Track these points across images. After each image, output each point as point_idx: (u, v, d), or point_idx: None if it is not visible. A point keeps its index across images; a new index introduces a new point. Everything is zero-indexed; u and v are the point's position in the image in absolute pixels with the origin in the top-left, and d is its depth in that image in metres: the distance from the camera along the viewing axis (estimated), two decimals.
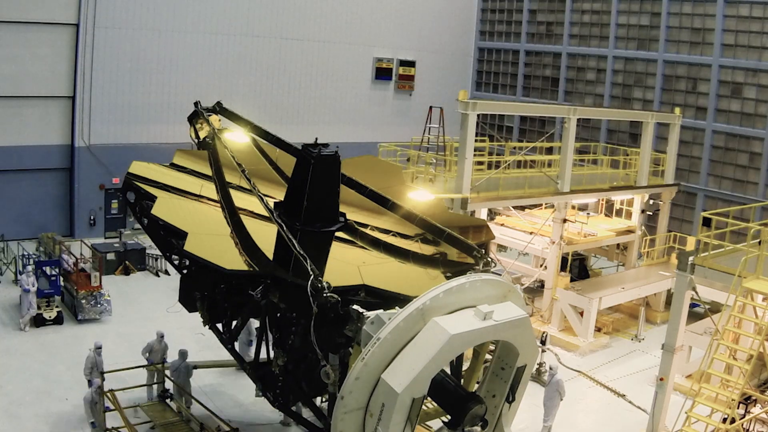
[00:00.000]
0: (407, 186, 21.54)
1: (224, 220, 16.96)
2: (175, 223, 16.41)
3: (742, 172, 38.52)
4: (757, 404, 20.72)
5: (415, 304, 12.34)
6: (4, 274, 32.10)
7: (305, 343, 14.58)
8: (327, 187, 15.79)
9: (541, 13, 48.77)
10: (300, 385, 15.93)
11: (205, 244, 15.79)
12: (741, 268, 18.72)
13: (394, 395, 11.99)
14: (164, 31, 38.46)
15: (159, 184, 18.62)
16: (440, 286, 12.82)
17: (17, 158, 36.43)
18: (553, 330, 28.90)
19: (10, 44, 35.19)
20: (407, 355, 12.29)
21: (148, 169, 19.36)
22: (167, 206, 17.24)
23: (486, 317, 12.71)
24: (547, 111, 40.44)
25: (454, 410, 13.90)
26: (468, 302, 13.10)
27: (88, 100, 37.69)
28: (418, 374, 12.08)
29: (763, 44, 37.34)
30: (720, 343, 18.71)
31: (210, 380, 24.11)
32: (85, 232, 38.12)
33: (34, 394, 22.20)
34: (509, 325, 13.15)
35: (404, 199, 19.10)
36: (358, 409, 12.67)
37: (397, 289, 15.19)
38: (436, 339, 12.24)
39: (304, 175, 15.40)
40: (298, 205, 15.63)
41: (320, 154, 15.18)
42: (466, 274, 13.76)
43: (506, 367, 14.22)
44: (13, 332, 26.58)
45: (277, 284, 14.76)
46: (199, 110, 19.17)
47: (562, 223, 29.56)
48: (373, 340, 12.07)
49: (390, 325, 12.12)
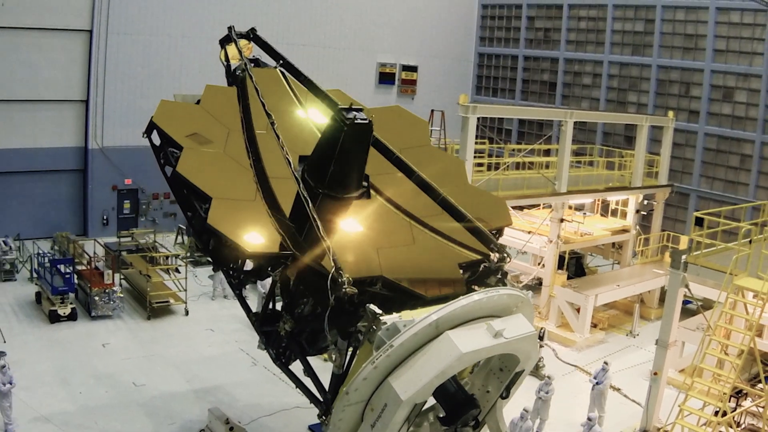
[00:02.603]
0: (430, 146, 19.57)
1: (251, 172, 15.68)
2: (200, 182, 14.72)
3: (734, 173, 38.48)
4: (747, 398, 20.72)
5: (430, 318, 12.16)
6: (20, 271, 32.14)
7: (314, 313, 14.44)
8: (356, 154, 14.43)
9: (539, 19, 48.75)
10: (303, 347, 15.55)
11: (228, 213, 14.29)
12: (732, 267, 18.71)
13: (398, 401, 11.96)
14: (174, 37, 38.47)
15: (186, 128, 16.58)
16: (456, 303, 12.60)
17: (33, 160, 36.47)
18: (550, 326, 28.92)
19: (26, 50, 35.26)
20: (416, 364, 12.18)
21: (176, 110, 17.49)
22: (192, 161, 15.32)
23: (497, 335, 12.63)
24: (545, 114, 40.45)
25: (452, 411, 13.93)
26: (481, 313, 13.04)
27: (101, 104, 37.74)
28: (424, 385, 12.07)
29: (754, 50, 37.30)
30: (712, 338, 18.71)
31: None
32: (99, 231, 38.14)
33: (48, 388, 22.24)
34: (518, 340, 13.12)
35: (427, 161, 17.52)
36: (360, 402, 12.68)
37: (414, 277, 14.75)
38: (447, 354, 12.15)
39: (334, 139, 13.99)
40: (324, 167, 14.30)
41: (354, 122, 13.64)
42: (484, 290, 13.60)
43: (505, 369, 14.21)
44: (29, 328, 26.60)
45: (300, 275, 14.01)
46: (232, 35, 17.78)
47: (559, 223, 29.57)
48: (386, 346, 11.99)
49: (404, 335, 12.02)
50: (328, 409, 13.90)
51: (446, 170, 18.12)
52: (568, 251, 32.39)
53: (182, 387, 23.06)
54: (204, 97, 17.81)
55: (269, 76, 18.14)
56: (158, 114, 16.56)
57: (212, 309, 30.09)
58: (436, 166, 17.81)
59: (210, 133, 16.56)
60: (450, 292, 14.50)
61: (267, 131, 15.89)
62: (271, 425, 20.87)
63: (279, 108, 17.01)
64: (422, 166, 16.53)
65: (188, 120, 16.84)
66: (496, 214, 17.46)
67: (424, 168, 16.37)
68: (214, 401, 21.57)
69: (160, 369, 24.19)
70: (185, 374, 23.94)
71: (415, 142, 18.49)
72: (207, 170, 15.24)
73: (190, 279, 30.95)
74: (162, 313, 28.73)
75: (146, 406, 21.61)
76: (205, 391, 22.86)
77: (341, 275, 12.54)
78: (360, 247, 15.25)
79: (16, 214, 36.37)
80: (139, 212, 39.89)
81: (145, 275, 29.28)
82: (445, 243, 16.16)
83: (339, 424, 12.98)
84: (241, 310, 29.36)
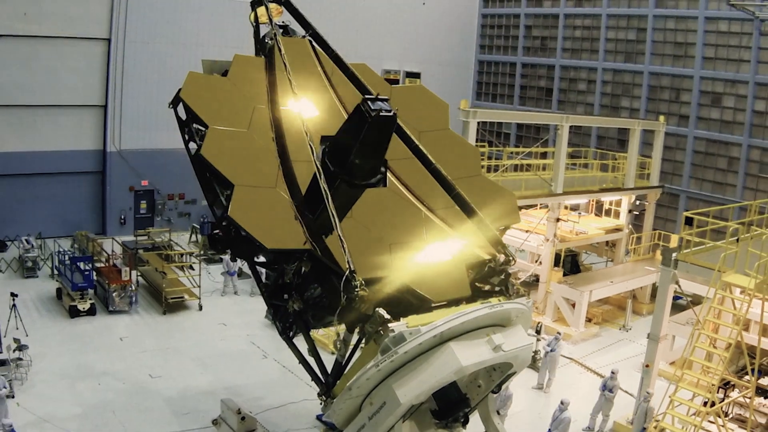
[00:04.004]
0: (449, 130, 18.66)
1: (274, 152, 15.22)
2: (223, 167, 14.06)
3: (722, 175, 38.41)
4: (735, 389, 20.69)
5: (435, 331, 12.18)
6: (42, 268, 32.22)
7: (322, 296, 14.31)
8: (378, 145, 14.22)
9: (536, 28, 48.69)
10: (308, 323, 15.41)
11: (249, 204, 13.78)
12: (720, 264, 18.67)
13: (397, 403, 12.09)
14: (188, 45, 38.44)
15: (212, 104, 15.77)
16: (461, 316, 12.59)
17: (54, 162, 36.58)
18: (547, 320, 28.89)
19: (48, 57, 35.40)
20: (418, 370, 12.24)
21: (203, 84, 16.41)
22: (217, 143, 14.63)
23: (496, 349, 12.70)
24: (542, 119, 40.35)
25: (445, 407, 13.96)
26: (484, 323, 13.06)
27: (118, 109, 37.80)
28: (423, 390, 12.23)
29: (741, 57, 37.22)
30: (701, 332, 18.67)
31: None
32: (116, 230, 38.21)
33: (69, 380, 22.30)
34: (515, 352, 13.20)
35: (444, 146, 17.13)
36: (360, 396, 12.75)
37: (422, 278, 14.59)
38: (448, 366, 12.23)
39: (357, 128, 13.65)
40: (345, 153, 14.01)
41: (378, 115, 13.26)
42: (488, 301, 13.57)
43: (498, 369, 14.20)
44: (50, 322, 26.68)
45: (314, 261, 13.75)
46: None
47: (555, 222, 29.55)
48: (391, 353, 12.04)
49: (408, 344, 12.05)
50: (329, 390, 14.03)
51: (462, 158, 17.69)
52: (564, 249, 32.35)
53: (196, 378, 23.11)
54: (232, 68, 16.86)
55: (298, 46, 17.43)
56: (186, 88, 15.71)
57: (225, 304, 30.13)
58: (453, 153, 17.38)
59: (236, 109, 15.91)
60: (455, 297, 14.48)
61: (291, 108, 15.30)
62: (281, 415, 20.88)
63: (306, 84, 16.37)
64: (440, 150, 16.05)
65: (215, 95, 16.07)
66: (505, 210, 17.13)
67: (441, 153, 15.89)
68: (227, 392, 21.58)
69: (175, 361, 24.24)
70: (199, 366, 23.99)
71: (435, 125, 17.99)
72: (230, 153, 14.69)
73: (204, 276, 30.97)
74: (177, 308, 28.77)
75: (162, 397, 21.67)
76: (218, 382, 22.89)
77: (355, 278, 12.37)
78: (373, 241, 15.05)
79: (37, 214, 36.49)
80: (155, 212, 39.94)
81: (160, 272, 29.33)
82: (455, 239, 15.85)
83: (339, 411, 13.16)
84: (251, 306, 29.71)
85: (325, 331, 25.40)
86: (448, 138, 18.24)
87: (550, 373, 24.09)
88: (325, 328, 25.33)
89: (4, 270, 31.82)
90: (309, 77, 17.09)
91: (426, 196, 16.24)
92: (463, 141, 18.73)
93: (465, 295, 14.69)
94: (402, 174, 16.37)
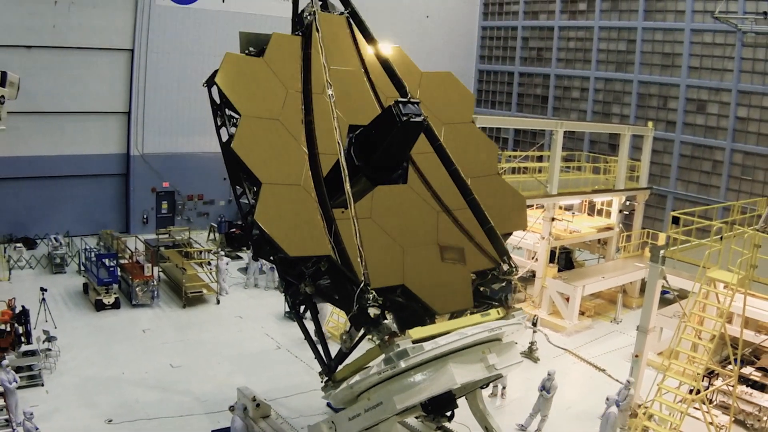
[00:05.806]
0: (471, 125, 17.81)
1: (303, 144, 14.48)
2: (251, 162, 13.40)
3: (707, 177, 38.37)
4: (719, 377, 20.67)
5: (437, 351, 12.40)
6: (69, 265, 32.33)
7: (334, 287, 14.27)
8: (404, 147, 14.00)
9: (533, 40, 48.64)
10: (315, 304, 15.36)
11: (274, 207, 13.17)
12: (705, 261, 18.65)
13: (393, 407, 12.37)
14: (207, 55, 38.31)
15: (247, 90, 14.86)
16: (462, 338, 12.80)
17: (81, 165, 36.75)
18: (542, 313, 28.84)
19: (75, 67, 35.54)
20: (415, 380, 12.46)
21: (239, 68, 15.29)
22: (248, 137, 13.79)
23: (490, 368, 13.01)
24: (538, 124, 40.33)
25: (435, 405, 14.09)
26: (482, 340, 13.29)
27: (141, 115, 37.92)
28: (418, 399, 12.60)
29: (725, 67, 37.15)
30: (687, 324, 18.65)
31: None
32: (139, 228, 38.34)
33: (96, 369, 22.40)
34: (506, 369, 13.60)
35: (464, 141, 16.53)
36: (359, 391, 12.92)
37: (431, 287, 14.70)
38: (444, 381, 12.50)
39: (386, 129, 13.32)
40: (371, 149, 13.76)
41: (408, 121, 12.85)
42: (487, 313, 13.89)
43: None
44: (77, 315, 26.77)
45: (331, 263, 13.31)
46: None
47: (550, 222, 29.52)
48: (394, 365, 12.24)
49: (411, 360, 12.24)
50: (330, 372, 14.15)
51: (481, 155, 17.10)
52: (559, 247, 32.33)
53: (213, 368, 23.17)
54: (270, 47, 15.64)
55: (335, 24, 16.47)
56: (222, 73, 14.58)
57: (241, 298, 30.17)
58: (473, 149, 16.88)
59: (270, 95, 14.98)
60: (459, 308, 14.69)
61: (323, 94, 14.61)
62: (294, 403, 20.90)
63: (340, 64, 15.82)
64: (460, 145, 15.70)
65: (250, 81, 15.09)
66: (513, 216, 16.88)
67: (460, 148, 15.55)
68: (243, 380, 21.62)
69: (194, 352, 24.30)
70: (217, 356, 24.04)
71: (459, 118, 17.29)
72: (260, 146, 13.98)
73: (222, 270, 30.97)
74: (196, 302, 28.83)
75: (182, 385, 21.75)
76: (235, 371, 22.94)
77: (368, 290, 12.31)
78: (388, 246, 14.94)
79: (65, 214, 36.67)
80: (176, 212, 40.05)
81: (180, 268, 29.40)
82: (465, 242, 15.78)
83: (339, 399, 13.61)
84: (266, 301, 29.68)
85: (334, 323, 25.47)
86: (471, 132, 17.59)
87: (542, 414, 20.25)
88: (334, 321, 25.45)
89: (34, 266, 31.94)
90: (343, 57, 16.25)
91: (443, 192, 15.84)
92: (483, 137, 17.93)
93: (468, 307, 14.81)
94: (422, 166, 15.89)
